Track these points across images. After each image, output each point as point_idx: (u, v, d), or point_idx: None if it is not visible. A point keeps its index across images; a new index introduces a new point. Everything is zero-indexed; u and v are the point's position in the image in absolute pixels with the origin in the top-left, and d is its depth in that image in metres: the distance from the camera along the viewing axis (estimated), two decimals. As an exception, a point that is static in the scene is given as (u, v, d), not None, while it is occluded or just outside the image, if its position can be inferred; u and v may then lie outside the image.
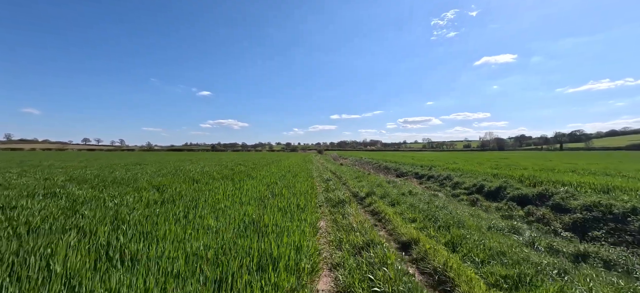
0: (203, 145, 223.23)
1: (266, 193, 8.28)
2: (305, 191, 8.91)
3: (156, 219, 5.13)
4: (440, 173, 16.91)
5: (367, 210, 7.91)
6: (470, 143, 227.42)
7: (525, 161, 31.16)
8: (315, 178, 14.19)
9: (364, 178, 14.79)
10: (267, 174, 13.64)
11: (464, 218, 6.37)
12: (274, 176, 13.09)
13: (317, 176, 15.82)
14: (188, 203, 6.67)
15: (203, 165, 19.23)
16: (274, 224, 5.12)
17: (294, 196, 7.89)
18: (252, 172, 13.86)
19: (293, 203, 6.97)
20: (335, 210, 7.45)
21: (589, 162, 27.39)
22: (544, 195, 9.76)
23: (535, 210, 8.59)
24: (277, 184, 10.53)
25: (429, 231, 5.67)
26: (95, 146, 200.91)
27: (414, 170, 19.65)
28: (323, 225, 6.22)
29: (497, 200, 10.62)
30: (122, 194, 7.54)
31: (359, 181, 13.65)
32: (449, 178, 15.39)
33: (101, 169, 16.14)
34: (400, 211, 7.34)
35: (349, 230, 5.58)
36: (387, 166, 25.06)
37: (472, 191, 12.56)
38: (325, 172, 17.50)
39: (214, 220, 5.30)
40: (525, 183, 13.88)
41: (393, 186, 12.02)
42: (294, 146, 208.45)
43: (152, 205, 6.41)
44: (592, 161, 29.05)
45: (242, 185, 9.53)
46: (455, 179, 14.72)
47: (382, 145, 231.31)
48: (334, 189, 10.77)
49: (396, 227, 5.91)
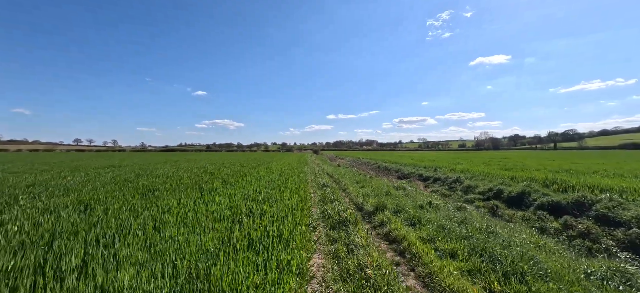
0: (198, 145, 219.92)
1: (241, 211, 6.04)
2: (294, 206, 6.70)
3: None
4: (448, 175, 14.90)
5: (379, 234, 5.75)
6: (465, 143, 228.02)
7: (529, 160, 29.47)
8: (309, 184, 12.01)
9: (366, 182, 12.64)
10: (252, 180, 11.39)
11: (530, 250, 4.28)
12: (260, 182, 10.84)
13: (311, 180, 13.64)
14: (110, 230, 4.41)
15: (180, 168, 16.86)
16: (232, 284, 2.91)
17: (278, 216, 5.67)
18: (233, 178, 11.57)
19: (274, 230, 4.75)
20: (336, 235, 5.28)
21: (595, 161, 25.78)
22: (581, 204, 8.18)
23: (574, 222, 7.02)
24: (260, 194, 8.30)
25: (492, 283, 3.50)
26: (85, 146, 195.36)
27: (417, 171, 17.64)
28: (317, 266, 4.04)
29: (521, 208, 9.11)
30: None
31: (361, 186, 11.51)
32: (458, 180, 13.37)
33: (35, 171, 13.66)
34: (428, 237, 5.19)
35: (362, 284, 3.42)
36: (387, 167, 23.02)
37: (488, 196, 10.70)
38: (321, 175, 15.35)
39: (129, 268, 3.07)
40: (552, 187, 11.96)
41: (405, 195, 9.88)
42: (290, 146, 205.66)
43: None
44: (596, 161, 27.54)
45: (212, 197, 7.27)
46: (465, 183, 12.73)
47: (378, 145, 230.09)
48: (332, 199, 8.58)
49: (434, 272, 3.76)
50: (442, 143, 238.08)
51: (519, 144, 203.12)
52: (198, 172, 13.98)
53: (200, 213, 5.66)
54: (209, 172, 14.05)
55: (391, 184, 13.34)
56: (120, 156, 48.07)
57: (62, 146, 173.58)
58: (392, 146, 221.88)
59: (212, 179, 11.22)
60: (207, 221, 5.10)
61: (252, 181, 10.79)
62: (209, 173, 13.57)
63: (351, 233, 5.27)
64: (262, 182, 10.77)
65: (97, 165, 19.98)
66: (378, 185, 11.72)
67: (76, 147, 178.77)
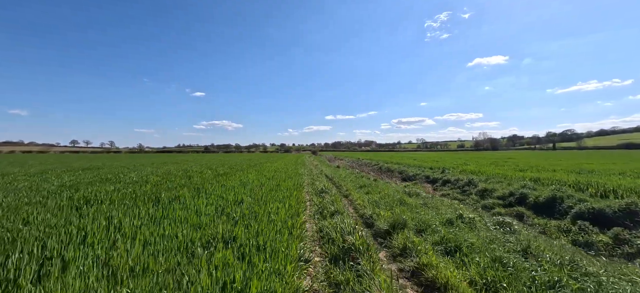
0: (196, 146, 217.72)
1: (201, 235, 4.11)
2: (282, 224, 4.79)
3: None
4: (458, 176, 13.08)
5: (404, 270, 3.86)
6: (463, 143, 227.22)
7: (536, 160, 27.61)
8: (304, 189, 10.13)
9: (371, 187, 10.73)
10: (235, 185, 9.48)
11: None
12: (245, 188, 8.91)
13: (308, 183, 11.74)
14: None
15: (158, 172, 14.91)
16: None
17: (254, 247, 3.74)
18: (212, 183, 9.61)
19: (242, 278, 2.82)
20: (340, 276, 3.40)
21: (605, 161, 24.13)
22: (634, 212, 6.84)
23: (628, 236, 5.78)
24: (241, 205, 6.39)
25: None
26: (80, 148, 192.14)
27: (423, 173, 15.79)
28: None
29: (553, 216, 7.85)
30: None
31: (366, 192, 9.61)
32: (471, 183, 11.53)
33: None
34: (485, 282, 3.32)
35: None
36: (390, 169, 21.15)
37: (510, 202, 9.27)
38: (319, 178, 13.41)
39: None
40: (587, 191, 10.23)
41: (422, 204, 7.95)
42: (288, 147, 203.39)
43: None
44: (605, 161, 25.89)
45: (168, 212, 5.33)
46: (480, 185, 10.96)
47: (377, 146, 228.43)
48: (333, 211, 6.66)
49: None
50: (441, 144, 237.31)
51: (518, 144, 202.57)
52: (176, 176, 12.03)
53: (136, 240, 3.71)
54: (188, 176, 12.07)
55: (400, 188, 11.47)
56: (106, 158, 45.83)
57: (56, 148, 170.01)
58: (390, 146, 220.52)
59: (184, 185, 9.28)
60: (142, 257, 3.17)
61: (235, 187, 8.85)
62: (186, 177, 11.60)
63: (363, 275, 3.37)
64: (247, 188, 8.83)
65: (63, 168, 17.92)
66: (386, 190, 9.82)
67: (70, 149, 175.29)
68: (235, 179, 10.95)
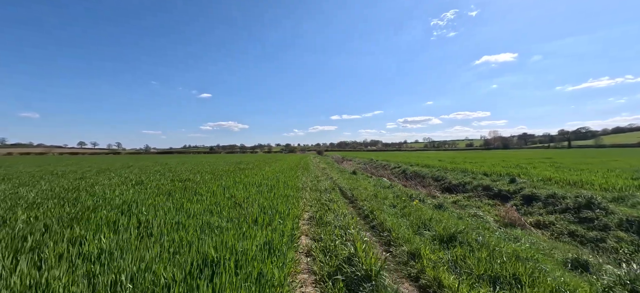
0: (201, 147, 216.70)
1: None
2: None
3: None
4: (554, 191, 8.29)
5: None
6: (472, 142, 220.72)
7: (578, 160, 22.37)
8: (302, 217, 6.24)
9: (447, 220, 6.44)
10: (192, 209, 5.60)
11: None
12: (191, 226, 4.98)
13: (311, 199, 7.72)
14: None
15: (127, 176, 11.05)
16: None
17: None
18: (139, 210, 5.71)
19: None
20: None
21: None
22: None
23: None
24: None
25: None
26: (83, 149, 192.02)
27: (477, 181, 11.18)
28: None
29: None
30: None
31: (447, 247, 5.40)
32: (591, 204, 6.99)
33: None
34: None
35: None
36: (418, 173, 16.81)
37: None
38: (330, 196, 8.68)
39: None
40: None
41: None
42: (293, 147, 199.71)
43: None
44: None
45: None
46: (613, 209, 6.62)
47: (383, 145, 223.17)
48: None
49: None
50: (448, 143, 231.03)
51: (529, 143, 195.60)
52: (129, 181, 8.13)
53: None
54: (137, 182, 8.12)
55: (464, 215, 7.36)
56: (103, 160, 42.42)
57: (58, 149, 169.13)
58: (397, 146, 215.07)
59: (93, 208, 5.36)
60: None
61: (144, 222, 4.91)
62: (138, 183, 7.65)
63: None
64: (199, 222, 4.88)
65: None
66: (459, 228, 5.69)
67: (69, 150, 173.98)
68: (206, 191, 6.98)
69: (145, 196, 7.32)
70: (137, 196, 7.29)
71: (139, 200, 6.86)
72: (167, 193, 7.95)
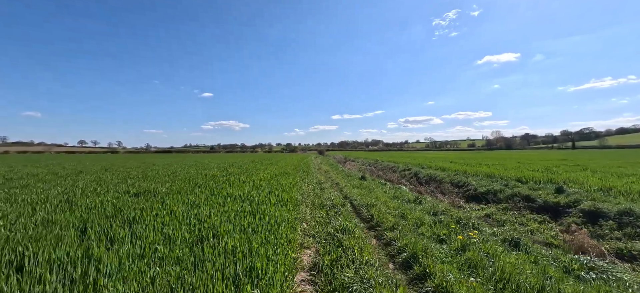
0: (202, 146, 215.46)
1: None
2: None
3: None
4: (623, 205, 6.45)
5: None
6: (474, 142, 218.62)
7: (597, 162, 20.02)
8: (303, 273, 4.40)
9: None
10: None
11: None
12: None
13: (314, 237, 5.87)
14: None
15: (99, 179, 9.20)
16: None
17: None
18: None
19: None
20: None
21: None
22: None
23: None
24: None
25: None
26: (81, 148, 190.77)
27: (510, 190, 9.10)
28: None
29: None
30: None
31: None
32: None
33: None
34: None
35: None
36: (434, 177, 14.91)
37: None
38: (338, 220, 6.07)
39: None
40: None
41: None
42: (294, 147, 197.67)
43: None
44: None
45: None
46: None
47: (384, 145, 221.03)
48: None
49: None
50: (450, 143, 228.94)
51: (532, 143, 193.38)
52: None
53: None
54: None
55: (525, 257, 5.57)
56: (88, 158, 40.77)
57: (56, 148, 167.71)
58: (398, 146, 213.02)
59: None
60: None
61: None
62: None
63: None
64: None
65: None
66: None
67: (68, 149, 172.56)
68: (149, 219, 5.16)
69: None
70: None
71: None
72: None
